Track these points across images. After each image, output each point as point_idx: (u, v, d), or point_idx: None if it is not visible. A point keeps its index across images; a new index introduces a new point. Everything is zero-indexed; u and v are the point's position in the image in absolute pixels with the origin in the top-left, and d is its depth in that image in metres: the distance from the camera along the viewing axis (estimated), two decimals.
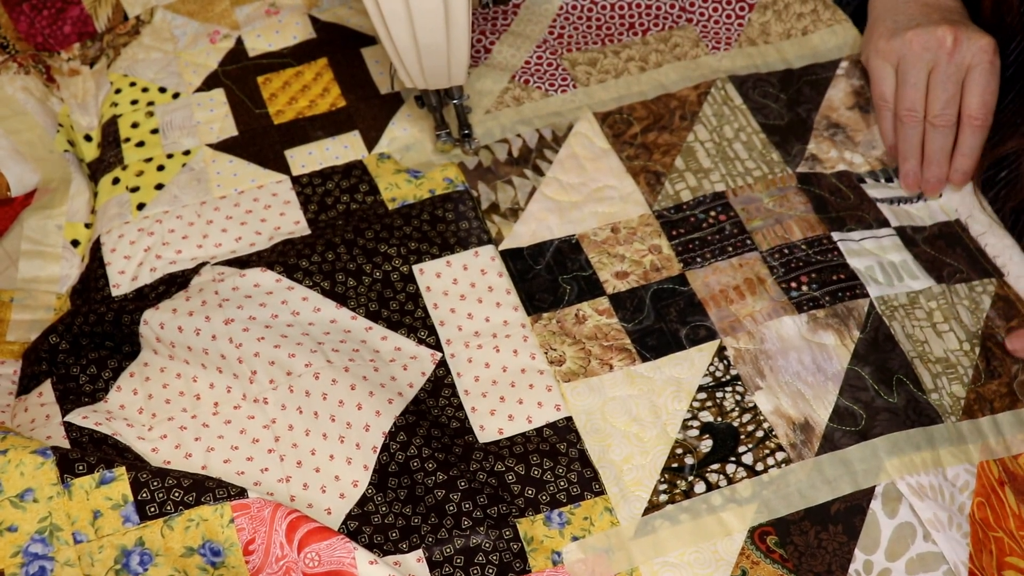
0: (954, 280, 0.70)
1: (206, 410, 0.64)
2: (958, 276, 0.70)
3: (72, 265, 0.75)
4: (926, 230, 0.73)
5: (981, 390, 0.65)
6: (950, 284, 0.70)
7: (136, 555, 0.55)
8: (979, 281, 0.70)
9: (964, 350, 0.67)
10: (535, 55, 0.84)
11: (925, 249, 0.72)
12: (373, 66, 0.84)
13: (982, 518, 0.59)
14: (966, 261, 0.71)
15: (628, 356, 0.67)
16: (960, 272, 0.70)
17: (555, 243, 0.72)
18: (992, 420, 0.64)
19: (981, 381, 0.65)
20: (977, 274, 0.71)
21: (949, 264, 0.71)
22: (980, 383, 0.65)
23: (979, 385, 0.65)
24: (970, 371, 0.66)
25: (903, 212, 0.74)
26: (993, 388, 0.65)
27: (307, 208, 0.75)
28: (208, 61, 0.85)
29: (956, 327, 0.68)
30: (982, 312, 0.69)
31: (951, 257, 0.71)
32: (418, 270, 0.70)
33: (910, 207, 0.75)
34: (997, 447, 0.63)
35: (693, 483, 0.61)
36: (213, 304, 0.66)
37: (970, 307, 0.69)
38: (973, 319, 0.68)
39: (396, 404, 0.63)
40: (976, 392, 0.65)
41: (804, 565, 0.58)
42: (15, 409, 0.66)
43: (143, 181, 0.77)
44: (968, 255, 0.72)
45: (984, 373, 0.66)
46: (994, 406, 0.64)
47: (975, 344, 0.67)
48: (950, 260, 0.71)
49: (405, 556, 0.58)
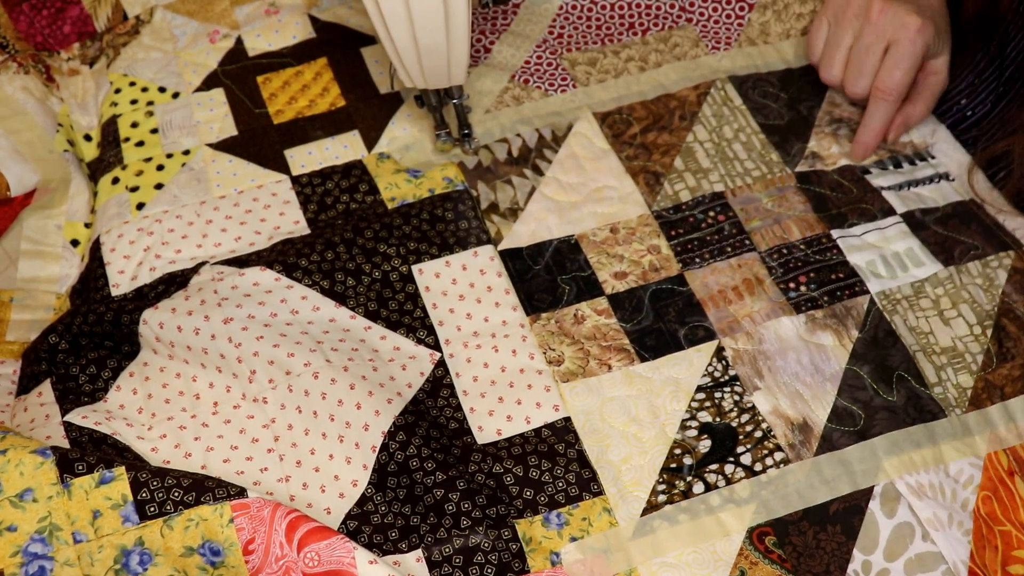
0: (966, 259, 0.70)
1: (205, 410, 0.64)
2: (972, 254, 0.70)
3: (72, 265, 0.75)
4: (939, 210, 0.73)
5: (990, 376, 0.65)
6: (960, 264, 0.69)
7: (136, 555, 0.55)
8: (994, 256, 0.70)
9: (974, 334, 0.66)
10: (535, 55, 0.84)
11: (936, 230, 0.71)
12: (373, 66, 0.84)
13: (988, 512, 0.59)
14: (982, 236, 0.71)
15: (627, 356, 0.67)
16: (975, 249, 0.70)
17: (554, 243, 0.72)
18: (1003, 407, 0.63)
19: (993, 366, 0.65)
20: (993, 248, 0.70)
21: (962, 242, 0.71)
22: (991, 368, 0.65)
23: (989, 371, 0.65)
24: (979, 357, 0.66)
25: (913, 196, 0.74)
26: (1004, 372, 0.65)
27: (307, 208, 0.75)
28: (208, 61, 0.85)
29: (966, 311, 0.67)
30: (997, 288, 0.68)
31: (965, 235, 0.71)
32: (417, 270, 0.70)
33: (922, 189, 0.74)
34: (1008, 435, 0.62)
35: (692, 483, 0.61)
36: (212, 303, 0.66)
37: (984, 285, 0.68)
38: (987, 297, 0.68)
39: (395, 404, 0.63)
40: (985, 380, 0.65)
41: (802, 565, 0.58)
42: (15, 409, 0.66)
43: (143, 181, 0.77)
44: (984, 230, 0.71)
45: (996, 357, 0.65)
46: (1005, 391, 0.64)
47: (987, 326, 0.67)
48: (964, 238, 0.71)
49: (404, 556, 0.58)
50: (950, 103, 0.79)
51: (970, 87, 0.78)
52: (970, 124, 0.78)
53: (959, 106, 0.79)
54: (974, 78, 0.78)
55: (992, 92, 0.77)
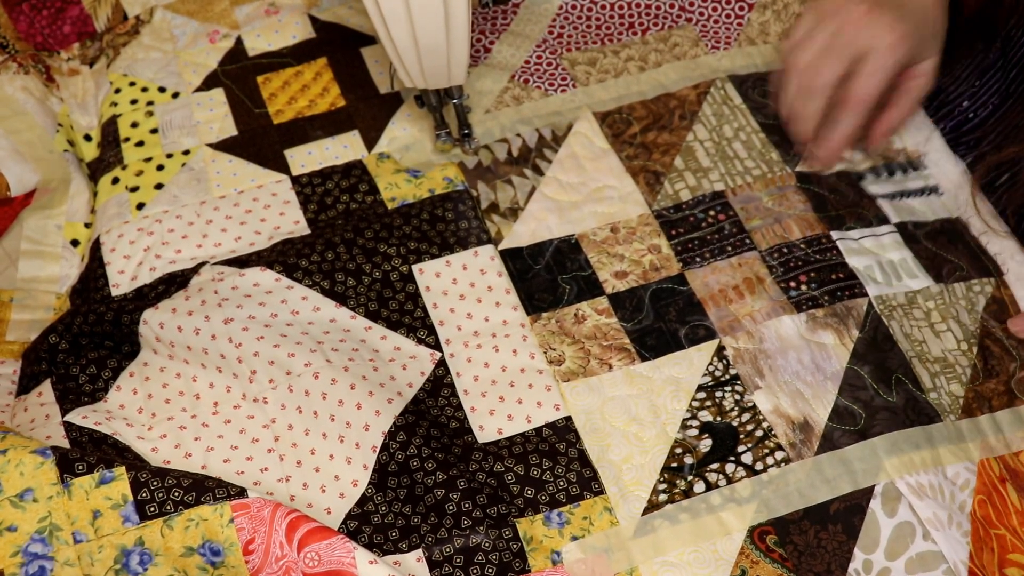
0: (953, 279, 0.70)
1: (206, 410, 0.64)
2: (958, 274, 0.70)
3: (72, 265, 0.75)
4: (928, 225, 0.73)
5: (979, 388, 0.65)
6: (948, 283, 0.70)
7: (136, 555, 0.55)
8: (977, 280, 0.70)
9: (962, 350, 0.67)
10: (535, 55, 0.84)
11: (926, 245, 0.72)
12: (373, 66, 0.84)
13: (983, 516, 0.59)
14: (967, 258, 0.71)
15: (627, 356, 0.67)
16: (960, 270, 0.70)
17: (554, 243, 0.72)
18: (991, 418, 0.64)
19: (980, 380, 0.65)
20: (977, 272, 0.71)
21: (950, 261, 0.71)
22: (979, 382, 0.65)
23: (977, 384, 0.65)
24: (968, 370, 0.66)
25: (905, 207, 0.74)
26: (991, 387, 0.65)
27: (307, 208, 0.75)
28: (207, 61, 0.85)
29: (954, 327, 0.68)
30: (977, 313, 0.69)
31: (952, 254, 0.71)
32: (417, 270, 0.70)
33: (913, 201, 0.74)
34: (997, 445, 0.63)
35: (692, 483, 0.61)
36: (212, 303, 0.66)
37: (967, 307, 0.69)
38: (971, 319, 0.68)
39: (396, 404, 0.63)
40: (975, 391, 0.65)
41: (803, 565, 0.58)
42: (15, 409, 0.66)
43: (143, 181, 0.77)
44: (969, 252, 0.72)
45: (982, 372, 0.66)
46: (992, 404, 0.64)
47: (972, 344, 0.67)
48: (951, 257, 0.71)
49: (405, 556, 0.58)
50: (952, 105, 0.79)
51: (972, 89, 0.78)
52: (973, 126, 0.78)
53: (961, 108, 0.78)
54: (976, 80, 0.78)
55: (996, 94, 0.77)
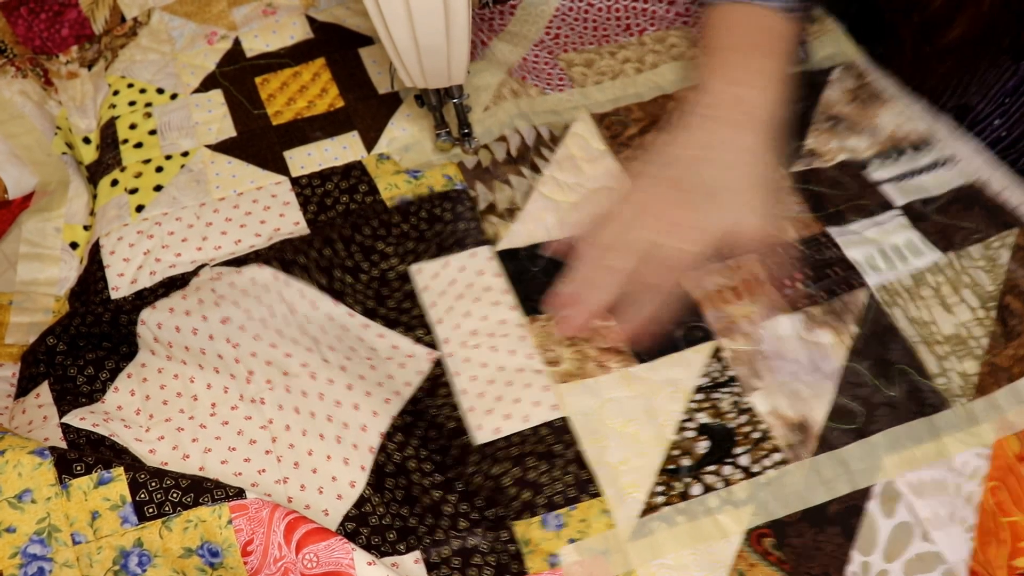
0: (968, 243, 0.70)
1: (203, 411, 0.64)
2: (974, 238, 0.70)
3: (71, 267, 0.75)
4: (940, 198, 0.73)
5: (997, 360, 0.64)
6: (961, 250, 0.69)
7: (134, 556, 0.55)
8: (997, 236, 0.70)
9: (978, 318, 0.66)
10: (532, 53, 0.84)
11: (937, 220, 0.71)
12: (371, 66, 0.84)
13: (996, 503, 0.59)
14: (985, 218, 0.71)
15: (625, 357, 0.67)
16: (977, 232, 0.70)
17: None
18: (1010, 389, 0.63)
19: (999, 348, 0.65)
20: (996, 229, 0.70)
21: (964, 227, 0.70)
22: (997, 351, 0.65)
23: (995, 354, 0.65)
24: (984, 340, 0.65)
25: (913, 186, 0.74)
26: (1011, 353, 0.65)
27: (306, 209, 0.75)
28: (206, 62, 0.85)
29: (968, 295, 0.67)
30: (1001, 267, 0.68)
31: (967, 219, 0.71)
32: (415, 269, 0.70)
33: (924, 178, 0.74)
34: (1017, 419, 0.62)
35: (690, 485, 0.61)
36: (210, 302, 0.66)
37: (986, 267, 0.68)
38: (990, 278, 0.68)
39: (393, 404, 0.63)
40: (991, 364, 0.64)
41: (801, 567, 0.58)
42: (13, 411, 0.66)
43: (142, 183, 0.77)
44: (987, 212, 0.71)
45: (1003, 336, 0.65)
46: (1012, 372, 0.64)
47: (990, 308, 0.66)
48: (966, 223, 0.71)
49: (403, 557, 0.58)
50: (984, 124, 0.78)
51: (1002, 108, 0.77)
52: (1006, 145, 0.77)
53: (992, 127, 0.78)
54: (1004, 98, 0.77)
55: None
